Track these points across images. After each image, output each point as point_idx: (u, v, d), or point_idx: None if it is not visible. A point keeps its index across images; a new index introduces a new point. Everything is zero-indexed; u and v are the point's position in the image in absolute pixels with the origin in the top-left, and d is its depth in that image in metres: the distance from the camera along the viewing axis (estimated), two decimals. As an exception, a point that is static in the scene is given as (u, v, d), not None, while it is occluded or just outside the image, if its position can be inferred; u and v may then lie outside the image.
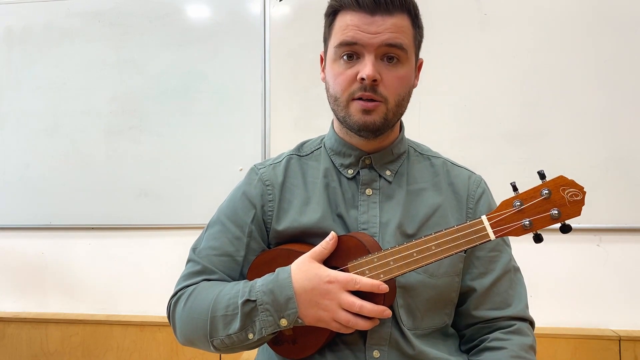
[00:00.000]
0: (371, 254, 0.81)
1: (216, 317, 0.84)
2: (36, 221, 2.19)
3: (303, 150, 1.02)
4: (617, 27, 1.89)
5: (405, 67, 0.87)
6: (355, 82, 0.85)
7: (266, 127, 2.07)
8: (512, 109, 1.95)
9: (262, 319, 0.81)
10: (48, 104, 2.18)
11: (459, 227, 0.78)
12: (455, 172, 0.98)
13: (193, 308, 0.88)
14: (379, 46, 0.84)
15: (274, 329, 0.81)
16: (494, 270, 0.92)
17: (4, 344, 2.15)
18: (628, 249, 1.91)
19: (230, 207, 0.97)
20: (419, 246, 0.79)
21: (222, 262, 0.93)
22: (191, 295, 0.89)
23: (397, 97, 0.87)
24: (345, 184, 0.95)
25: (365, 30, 0.84)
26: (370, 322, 0.79)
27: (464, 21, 1.97)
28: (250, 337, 0.83)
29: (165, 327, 2.07)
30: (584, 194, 0.73)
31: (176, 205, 2.11)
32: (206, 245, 0.95)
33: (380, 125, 0.87)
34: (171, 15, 2.13)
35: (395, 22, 0.84)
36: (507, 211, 0.76)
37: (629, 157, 1.88)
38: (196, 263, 0.94)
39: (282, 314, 0.80)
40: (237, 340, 0.84)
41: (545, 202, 0.74)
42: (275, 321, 0.81)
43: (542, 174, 0.75)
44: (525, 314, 0.92)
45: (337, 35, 0.87)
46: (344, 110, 0.88)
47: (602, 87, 1.90)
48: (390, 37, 0.84)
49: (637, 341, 1.83)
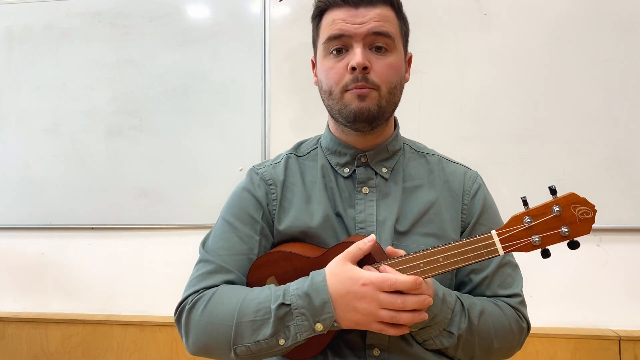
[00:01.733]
0: (377, 262, 0.81)
1: (243, 322, 0.81)
2: (36, 221, 2.19)
3: (300, 151, 1.02)
4: (617, 27, 1.89)
5: (394, 55, 0.88)
6: (347, 73, 0.86)
7: (266, 127, 2.07)
8: (512, 109, 1.95)
9: (297, 324, 0.78)
10: (48, 104, 2.18)
11: (468, 240, 0.77)
12: (450, 169, 0.98)
13: (214, 313, 0.83)
14: (366, 35, 0.85)
15: (309, 334, 0.79)
16: (488, 266, 0.92)
17: (4, 344, 2.15)
18: (628, 249, 1.90)
19: (237, 206, 0.96)
20: (426, 257, 0.78)
21: (236, 262, 0.90)
22: (212, 299, 0.85)
23: (389, 85, 0.88)
24: (342, 183, 0.95)
25: (351, 22, 0.86)
26: (412, 315, 0.76)
27: (464, 21, 1.97)
28: (282, 342, 0.80)
29: (165, 327, 2.07)
30: (594, 212, 0.72)
31: (176, 205, 2.11)
32: (217, 245, 0.92)
33: (375, 113, 0.88)
34: (171, 15, 2.13)
35: (379, 12, 0.87)
36: (517, 227, 0.75)
37: (629, 157, 1.88)
38: (209, 263, 0.90)
39: (318, 318, 0.78)
40: (265, 346, 0.80)
41: (555, 220, 0.73)
42: (310, 325, 0.78)
43: (553, 190, 0.74)
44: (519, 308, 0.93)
45: (324, 32, 0.89)
46: (339, 102, 0.89)
47: (602, 87, 1.90)
48: (376, 25, 0.86)
49: (637, 341, 1.83)
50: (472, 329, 0.85)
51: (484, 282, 0.92)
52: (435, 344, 0.85)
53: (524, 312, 0.93)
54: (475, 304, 0.87)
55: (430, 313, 0.80)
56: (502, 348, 0.89)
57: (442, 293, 0.83)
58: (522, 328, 0.91)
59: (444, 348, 0.86)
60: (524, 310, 0.93)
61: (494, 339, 0.87)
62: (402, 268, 0.78)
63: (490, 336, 0.87)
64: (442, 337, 0.84)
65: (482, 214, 0.94)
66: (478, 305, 0.87)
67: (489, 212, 0.95)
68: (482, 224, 0.93)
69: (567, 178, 1.90)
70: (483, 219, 0.94)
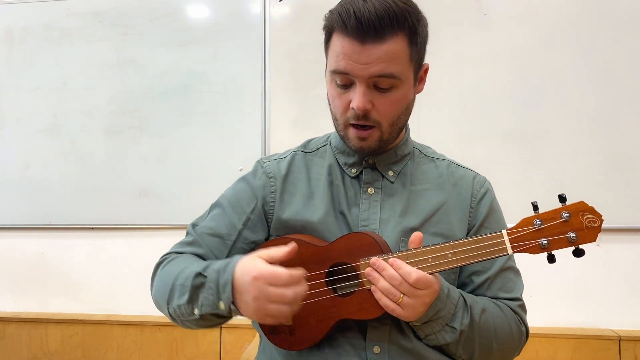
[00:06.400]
0: (385, 254, 0.81)
1: (175, 284, 0.85)
2: (36, 221, 2.19)
3: (309, 147, 1.03)
4: (617, 27, 1.89)
5: (399, 91, 0.86)
6: (349, 109, 0.86)
7: (266, 127, 2.07)
8: (512, 109, 1.95)
9: (205, 296, 0.81)
10: (48, 104, 2.18)
11: (478, 238, 0.78)
12: (459, 173, 0.99)
13: (165, 273, 0.91)
14: (369, 77, 0.83)
15: (212, 310, 0.80)
16: (491, 268, 0.92)
17: (4, 344, 2.15)
18: (628, 249, 1.91)
19: (234, 194, 1.00)
20: (434, 252, 0.79)
21: (212, 242, 0.95)
22: (171, 262, 0.93)
23: (390, 120, 0.88)
24: (349, 182, 0.96)
25: (355, 60, 0.82)
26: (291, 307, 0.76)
27: (464, 21, 1.97)
28: (196, 312, 0.82)
29: (165, 327, 2.07)
30: (601, 221, 0.75)
31: (176, 205, 2.11)
32: (204, 224, 0.98)
33: (376, 148, 0.90)
34: (171, 15, 2.13)
35: (387, 49, 0.81)
36: (526, 229, 0.77)
37: (629, 157, 1.88)
38: (190, 236, 0.97)
39: (221, 297, 0.79)
40: (185, 312, 0.84)
41: (564, 225, 0.76)
42: (214, 302, 0.79)
43: (562, 197, 0.76)
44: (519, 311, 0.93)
45: (331, 60, 0.87)
46: (342, 131, 0.91)
47: (602, 87, 1.90)
48: (380, 68, 0.82)
49: (637, 341, 1.83)
50: (473, 326, 0.85)
51: (485, 284, 0.92)
52: (437, 339, 0.85)
53: (524, 316, 0.93)
54: (477, 302, 0.87)
55: (435, 307, 0.81)
56: (501, 349, 0.88)
57: (447, 288, 0.84)
58: (521, 332, 0.91)
59: (446, 344, 0.86)
60: (524, 315, 0.93)
61: (494, 339, 0.87)
62: (411, 262, 0.79)
63: (490, 335, 0.87)
64: (444, 332, 0.84)
65: (487, 217, 0.95)
66: (480, 304, 0.87)
67: (495, 216, 0.96)
68: (487, 227, 0.94)
69: (567, 178, 1.90)
70: (488, 222, 0.95)
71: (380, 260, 0.80)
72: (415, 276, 0.76)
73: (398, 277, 0.77)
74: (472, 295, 0.89)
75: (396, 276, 0.77)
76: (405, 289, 0.77)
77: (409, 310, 0.78)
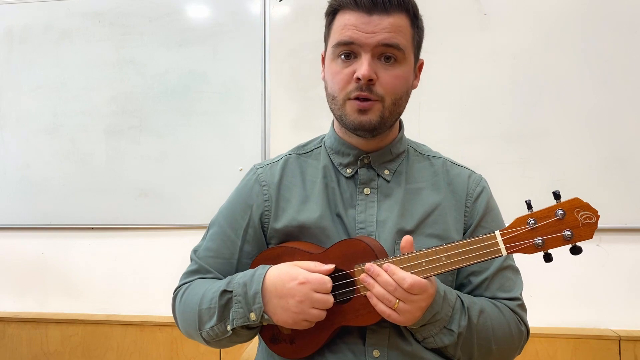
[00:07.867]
0: (379, 259, 0.81)
1: (202, 310, 0.88)
2: (36, 221, 2.19)
3: (303, 149, 1.03)
4: (617, 27, 1.89)
5: (402, 67, 0.87)
6: (352, 81, 0.86)
7: (266, 127, 2.07)
8: (512, 109, 1.95)
9: (235, 310, 0.84)
10: (48, 104, 2.18)
11: (471, 240, 0.77)
12: (455, 172, 0.98)
13: (186, 303, 0.92)
14: (375, 46, 0.84)
15: (243, 322, 0.84)
16: (489, 268, 0.92)
17: (4, 344, 2.15)
18: (628, 249, 1.91)
19: (229, 209, 1.00)
20: (429, 256, 0.78)
21: (216, 264, 0.96)
22: (186, 291, 0.94)
23: (393, 96, 0.88)
24: (344, 183, 0.95)
25: (362, 29, 0.84)
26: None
27: (464, 21, 1.97)
28: (228, 328, 0.85)
29: (165, 327, 2.07)
30: (597, 217, 0.73)
31: (176, 205, 2.11)
32: (205, 246, 0.99)
33: (376, 124, 0.88)
34: (171, 15, 2.13)
35: (392, 21, 0.85)
36: (520, 228, 0.75)
37: (629, 157, 1.88)
38: (194, 263, 0.99)
39: (251, 308, 0.83)
40: (219, 332, 0.87)
41: (558, 223, 0.74)
42: (245, 314, 0.84)
43: (557, 194, 0.75)
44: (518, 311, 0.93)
45: (335, 35, 0.88)
46: (341, 109, 0.89)
47: (601, 87, 1.90)
48: (387, 36, 0.84)
49: (637, 341, 1.83)
50: (471, 328, 0.84)
51: (483, 284, 0.92)
52: (435, 342, 0.85)
53: (523, 316, 0.92)
54: (475, 303, 0.87)
55: (432, 310, 0.80)
56: (500, 350, 0.88)
57: (444, 291, 0.83)
58: (521, 332, 0.90)
59: (444, 346, 0.85)
60: (523, 315, 0.93)
61: (492, 340, 0.86)
62: (405, 267, 0.78)
63: (489, 336, 0.86)
64: (442, 334, 0.84)
65: (484, 216, 0.94)
66: (477, 305, 0.87)
67: (491, 215, 0.95)
68: (484, 226, 0.93)
69: (567, 178, 1.90)
70: (485, 221, 0.94)
71: (375, 266, 0.79)
72: (409, 281, 0.76)
73: (392, 283, 0.77)
74: (470, 297, 0.89)
75: (390, 282, 0.77)
76: (400, 295, 0.77)
77: (405, 316, 0.78)
